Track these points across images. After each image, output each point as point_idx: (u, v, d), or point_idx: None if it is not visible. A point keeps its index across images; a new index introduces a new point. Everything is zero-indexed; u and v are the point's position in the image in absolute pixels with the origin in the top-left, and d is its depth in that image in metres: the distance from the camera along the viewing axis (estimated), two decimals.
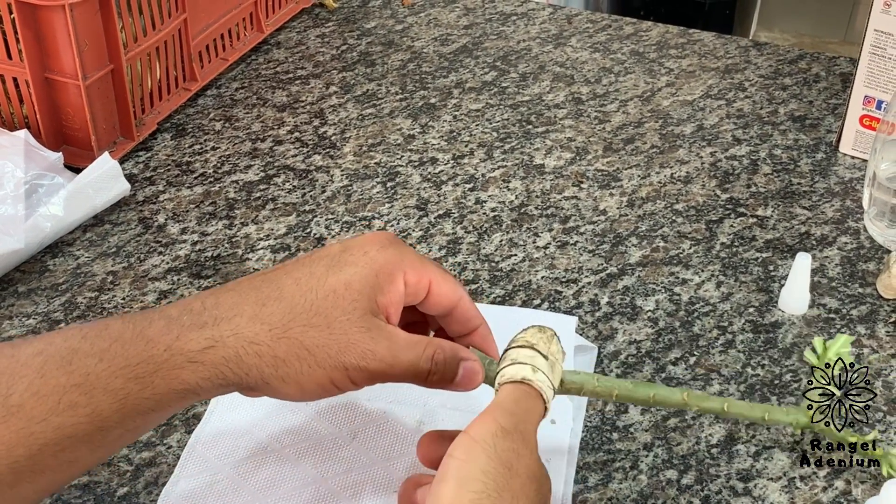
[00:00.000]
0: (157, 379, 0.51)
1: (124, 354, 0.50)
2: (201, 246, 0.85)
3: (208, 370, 0.52)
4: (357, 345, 0.53)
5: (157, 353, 0.51)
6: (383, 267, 0.55)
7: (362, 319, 0.54)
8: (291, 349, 0.53)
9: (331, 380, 0.54)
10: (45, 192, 0.85)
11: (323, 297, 0.54)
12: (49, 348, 0.51)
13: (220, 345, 0.52)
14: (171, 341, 0.51)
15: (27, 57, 0.86)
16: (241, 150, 0.97)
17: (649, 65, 1.11)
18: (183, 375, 0.51)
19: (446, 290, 0.58)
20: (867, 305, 0.80)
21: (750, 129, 1.01)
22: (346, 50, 1.14)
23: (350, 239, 0.58)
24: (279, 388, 0.54)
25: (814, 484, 0.66)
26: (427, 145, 0.98)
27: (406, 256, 0.57)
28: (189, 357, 0.51)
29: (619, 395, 0.62)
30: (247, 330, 0.52)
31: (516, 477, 0.49)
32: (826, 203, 0.91)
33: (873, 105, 0.94)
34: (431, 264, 0.58)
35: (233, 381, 0.53)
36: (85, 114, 0.90)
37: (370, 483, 0.63)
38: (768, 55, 1.14)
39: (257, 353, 0.52)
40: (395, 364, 0.55)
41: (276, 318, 0.53)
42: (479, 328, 0.60)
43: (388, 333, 0.55)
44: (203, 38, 1.04)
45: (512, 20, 1.20)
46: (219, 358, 0.52)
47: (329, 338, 0.53)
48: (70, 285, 0.81)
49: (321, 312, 0.53)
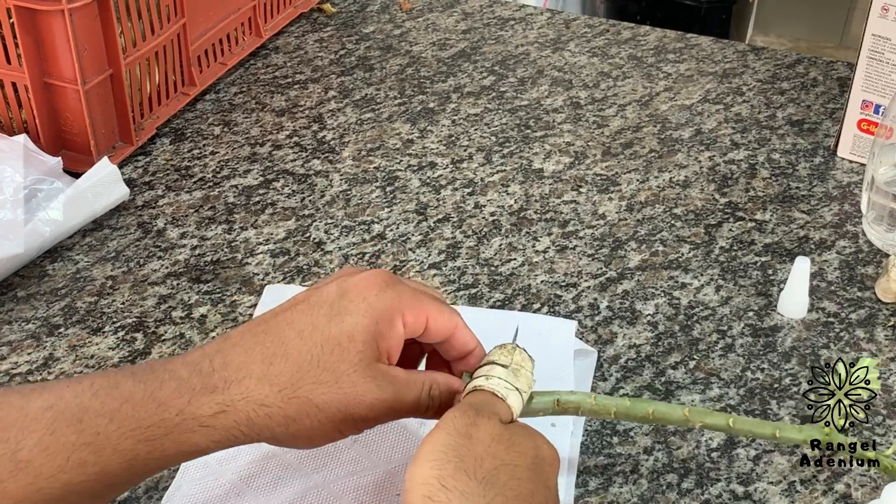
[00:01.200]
0: (168, 442, 0.51)
1: (135, 416, 0.51)
2: (201, 250, 0.85)
3: (219, 434, 0.52)
4: (366, 396, 0.54)
5: (169, 418, 0.51)
6: (383, 313, 0.55)
7: (368, 369, 0.54)
8: (302, 408, 0.53)
9: (339, 430, 0.55)
10: (45, 197, 0.85)
11: (329, 352, 0.54)
12: (59, 403, 0.51)
13: (231, 409, 0.52)
14: (182, 406, 0.52)
15: (26, 62, 0.86)
16: (240, 154, 0.98)
17: (647, 69, 1.12)
18: (194, 439, 0.52)
19: (443, 322, 0.58)
20: (866, 309, 0.80)
21: (748, 133, 1.01)
22: (344, 55, 1.14)
23: (347, 279, 0.57)
24: (289, 442, 0.55)
25: (814, 487, 0.66)
26: (426, 150, 0.98)
27: (404, 297, 0.57)
28: (201, 422, 0.52)
29: (617, 413, 0.62)
30: (256, 392, 0.53)
31: (478, 442, 0.50)
32: (824, 207, 0.91)
33: (871, 109, 0.94)
34: (427, 298, 0.58)
35: (243, 441, 0.54)
36: (84, 118, 0.90)
37: (373, 486, 0.63)
38: (766, 59, 1.14)
39: (268, 415, 0.53)
40: (401, 406, 0.56)
41: (284, 378, 0.53)
42: (475, 351, 0.60)
43: (392, 378, 0.56)
44: (202, 43, 1.04)
45: (510, 25, 1.20)
46: (230, 422, 0.52)
47: (338, 392, 0.54)
48: (69, 290, 0.81)
49: (328, 368, 0.54)
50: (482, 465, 0.49)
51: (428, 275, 0.83)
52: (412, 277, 0.82)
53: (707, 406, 0.71)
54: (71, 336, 0.77)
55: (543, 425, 0.57)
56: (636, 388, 0.72)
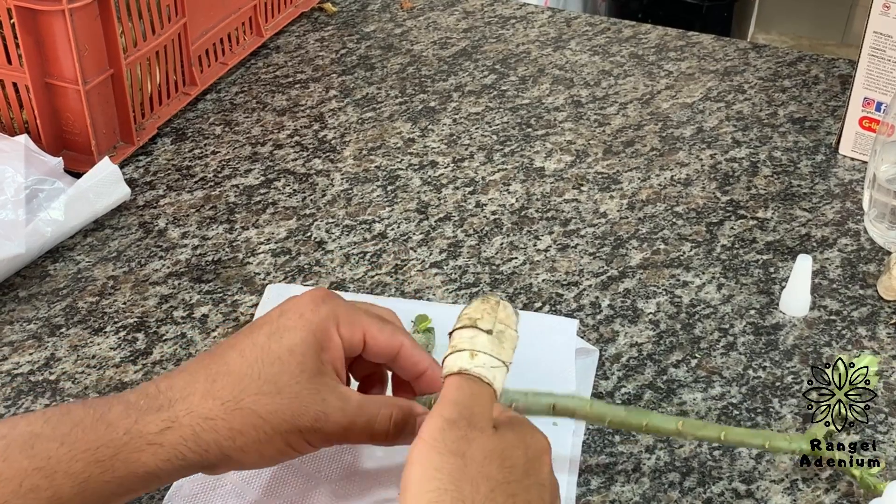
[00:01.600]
0: (118, 462, 0.52)
1: (85, 438, 0.52)
2: (202, 250, 0.85)
3: (167, 451, 0.53)
4: (309, 408, 0.55)
5: (117, 437, 0.52)
6: (319, 326, 0.57)
7: (311, 382, 0.55)
8: (246, 419, 0.54)
9: (287, 443, 0.55)
10: (46, 197, 0.85)
11: (269, 365, 0.55)
12: (12, 432, 0.52)
13: (176, 425, 0.53)
14: (129, 425, 0.53)
15: (27, 62, 0.86)
16: (241, 154, 0.98)
17: (648, 67, 1.12)
18: (143, 458, 0.53)
19: (383, 340, 0.59)
20: (868, 307, 0.80)
21: (749, 131, 1.01)
22: (345, 54, 1.14)
23: (287, 301, 0.59)
24: (240, 458, 0.55)
25: (816, 486, 0.66)
26: (427, 149, 0.98)
27: (339, 311, 0.58)
28: (148, 440, 0.53)
29: (612, 422, 0.62)
30: (200, 407, 0.54)
31: (471, 463, 0.49)
32: (826, 205, 0.91)
33: (873, 107, 0.94)
34: (366, 315, 0.59)
35: (193, 461, 0.54)
36: (85, 118, 0.90)
37: (375, 482, 0.63)
38: (767, 57, 1.14)
39: (213, 429, 0.54)
40: (351, 427, 0.56)
41: (227, 392, 0.54)
42: (427, 372, 0.60)
43: (340, 395, 0.56)
44: (203, 43, 1.04)
45: (511, 23, 1.20)
46: (177, 438, 0.53)
47: (281, 403, 0.54)
48: (71, 290, 0.81)
49: (270, 380, 0.55)
50: (479, 490, 0.48)
51: (429, 274, 0.83)
52: (413, 277, 0.82)
53: (709, 404, 0.71)
54: (72, 336, 0.77)
55: (545, 425, 0.57)
56: (638, 387, 0.72)
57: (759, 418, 0.70)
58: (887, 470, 0.67)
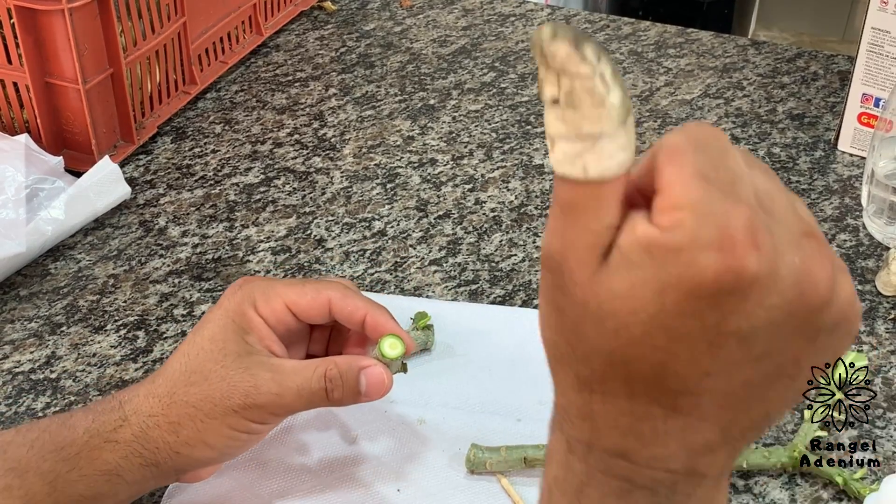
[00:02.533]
0: (82, 460, 0.55)
1: (51, 441, 0.55)
2: (202, 248, 0.86)
3: (123, 448, 0.56)
4: (238, 385, 0.56)
5: (79, 436, 0.56)
6: (236, 310, 0.58)
7: (237, 362, 0.57)
8: (181, 411, 0.56)
9: (229, 426, 0.56)
10: (46, 196, 0.85)
11: (195, 357, 0.57)
12: None
13: (127, 423, 0.56)
14: (88, 424, 0.56)
15: (27, 61, 0.87)
16: (240, 152, 0.98)
17: (648, 64, 1.12)
18: (103, 455, 0.55)
19: (306, 303, 0.60)
20: (866, 302, 0.80)
21: (749, 127, 1.01)
22: (345, 52, 1.14)
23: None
24: (189, 453, 0.57)
25: (814, 481, 0.66)
26: (426, 146, 0.98)
27: (255, 292, 0.59)
28: (105, 437, 0.56)
29: None
30: (143, 406, 0.57)
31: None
32: (825, 200, 0.91)
33: (871, 103, 0.94)
34: (284, 286, 0.60)
35: (149, 459, 0.56)
36: (85, 118, 0.90)
37: (376, 482, 0.64)
38: (766, 54, 1.14)
39: (157, 425, 0.56)
40: (284, 392, 0.56)
41: (163, 388, 0.57)
42: (367, 317, 0.61)
43: (271, 366, 0.57)
44: (202, 42, 1.04)
45: (510, 21, 1.20)
46: (129, 435, 0.56)
47: (210, 389, 0.56)
48: (71, 289, 0.81)
49: (196, 370, 0.57)
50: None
51: (429, 271, 0.83)
52: (413, 274, 0.82)
53: None
54: (73, 334, 0.77)
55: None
56: None
57: None
58: (885, 465, 0.67)
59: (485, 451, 0.64)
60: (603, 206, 0.32)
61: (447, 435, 0.67)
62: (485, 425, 0.68)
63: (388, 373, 0.59)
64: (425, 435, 0.67)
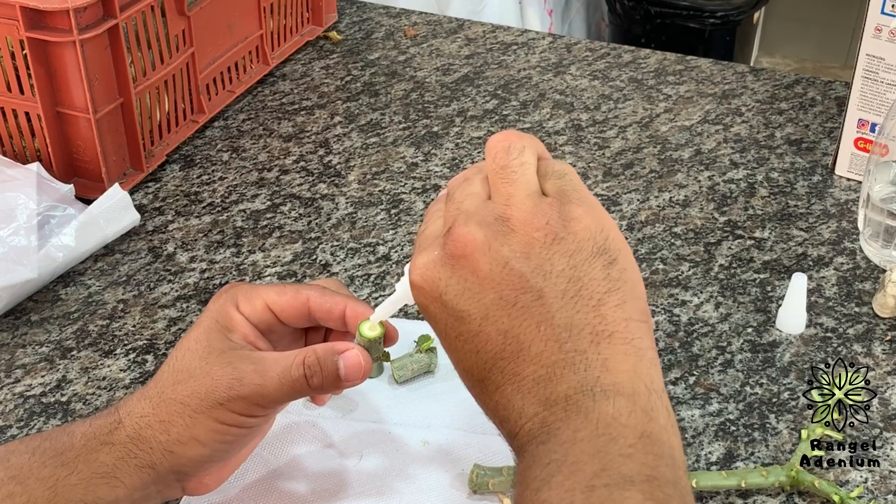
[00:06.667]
0: (80, 464, 0.57)
1: (52, 447, 0.57)
2: (210, 274, 0.87)
3: (119, 450, 0.57)
4: (222, 379, 0.58)
5: (77, 441, 0.58)
6: (219, 311, 0.60)
7: (221, 357, 0.58)
8: (171, 408, 0.58)
9: (216, 419, 0.58)
10: (57, 223, 0.87)
11: (181, 358, 0.59)
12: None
13: (121, 425, 0.58)
14: (85, 429, 0.59)
15: (39, 92, 0.89)
16: (247, 179, 0.99)
17: (648, 91, 1.13)
18: (100, 458, 0.57)
19: (285, 301, 0.61)
20: (863, 324, 0.81)
21: (747, 153, 1.03)
22: (350, 81, 1.16)
23: None
24: (182, 451, 0.58)
25: (812, 499, 0.67)
26: (430, 173, 1.00)
27: (238, 293, 0.61)
28: (101, 440, 0.58)
29: None
30: (136, 407, 0.59)
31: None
32: (822, 224, 0.92)
33: (867, 128, 0.95)
34: (265, 288, 0.62)
35: (144, 460, 0.58)
36: (95, 146, 0.92)
37: (380, 503, 0.65)
38: (765, 80, 1.16)
39: (149, 425, 0.58)
40: (266, 382, 0.58)
41: (153, 390, 0.59)
42: (346, 310, 0.61)
43: (254, 358, 0.59)
44: (210, 72, 1.06)
45: (512, 49, 1.22)
46: (124, 437, 0.58)
47: (195, 385, 0.58)
48: (82, 314, 0.83)
49: (182, 369, 0.59)
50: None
51: None
52: None
53: (706, 421, 0.72)
54: (83, 358, 0.78)
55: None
56: None
57: (755, 434, 0.71)
58: (882, 483, 0.68)
59: (487, 472, 0.65)
60: None
61: (450, 456, 0.68)
62: (487, 446, 0.69)
63: (366, 354, 0.59)
64: (428, 456, 0.68)
